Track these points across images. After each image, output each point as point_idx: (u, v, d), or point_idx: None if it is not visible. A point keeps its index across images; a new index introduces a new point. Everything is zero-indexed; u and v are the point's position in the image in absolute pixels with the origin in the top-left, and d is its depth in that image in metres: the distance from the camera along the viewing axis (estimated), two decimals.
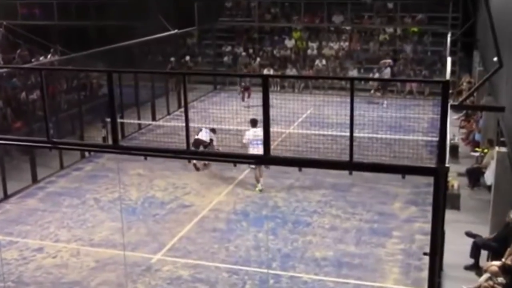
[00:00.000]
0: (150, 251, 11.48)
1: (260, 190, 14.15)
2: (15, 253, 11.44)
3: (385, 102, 22.95)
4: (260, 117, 7.58)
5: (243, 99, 22.63)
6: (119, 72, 15.90)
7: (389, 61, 23.92)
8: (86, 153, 16.98)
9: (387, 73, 23.53)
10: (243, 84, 22.72)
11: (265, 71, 24.58)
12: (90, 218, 13.05)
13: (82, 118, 17.80)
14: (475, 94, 17.99)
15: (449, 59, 14.76)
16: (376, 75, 24.74)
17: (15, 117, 17.23)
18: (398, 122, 18.09)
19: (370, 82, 24.84)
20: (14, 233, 12.29)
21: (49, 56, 21.49)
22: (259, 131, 13.05)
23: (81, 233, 12.28)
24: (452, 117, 19.05)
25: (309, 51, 27.64)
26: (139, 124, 19.93)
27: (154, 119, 20.80)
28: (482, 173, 14.26)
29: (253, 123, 14.46)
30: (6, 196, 14.17)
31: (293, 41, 28.23)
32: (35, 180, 15.19)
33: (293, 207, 13.49)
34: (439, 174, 6.67)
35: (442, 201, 6.96)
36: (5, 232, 12.32)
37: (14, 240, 12.01)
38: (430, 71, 24.95)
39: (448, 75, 11.90)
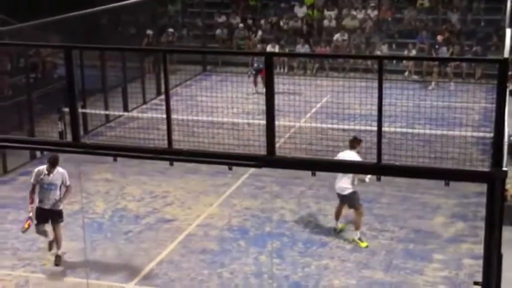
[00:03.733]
0: (121, 279, 11.48)
1: (339, 230, 13.04)
2: None
3: (433, 83, 23.07)
4: (262, 106, 7.57)
5: (255, 84, 22.58)
6: (80, 49, 15.90)
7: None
8: (38, 153, 16.97)
9: (443, 53, 23.54)
10: (255, 65, 22.59)
11: (269, 48, 24.58)
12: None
13: (32, 108, 17.78)
14: None
15: (508, 31, 14.71)
16: (413, 53, 24.72)
17: None
18: (441, 114, 18.07)
19: (404, 62, 24.88)
20: None
21: None
22: (350, 155, 12.15)
23: (31, 256, 12.27)
24: None
25: (325, 22, 27.63)
26: (107, 116, 19.92)
27: (126, 109, 20.82)
28: None
29: (352, 143, 12.79)
30: None
31: (304, 9, 28.23)
32: None
33: (304, 222, 13.50)
34: (494, 180, 6.65)
35: (499, 215, 6.94)
36: None
37: None
38: (483, 46, 24.96)
39: (507, 52, 11.85)
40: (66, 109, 11.03)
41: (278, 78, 8.22)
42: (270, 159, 7.26)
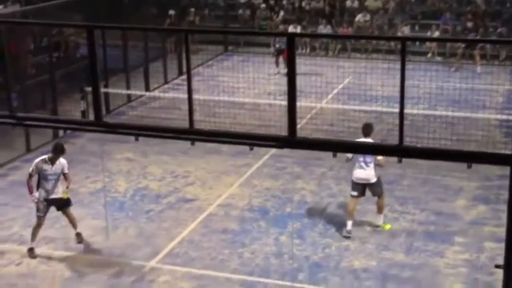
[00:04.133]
0: (142, 257, 11.58)
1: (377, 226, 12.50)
2: None
3: (455, 66, 22.88)
4: (283, 87, 7.56)
5: (277, 64, 22.57)
6: (103, 28, 15.92)
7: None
8: (60, 132, 17.10)
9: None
10: (277, 45, 22.58)
11: (291, 29, 24.49)
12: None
13: (55, 87, 17.89)
14: None
15: None
16: (436, 34, 24.53)
17: None
18: (464, 96, 17.94)
19: (428, 43, 24.66)
20: None
21: (9, 5, 21.54)
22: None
23: (53, 233, 12.39)
24: None
25: (348, 3, 27.43)
26: (129, 95, 20.00)
27: (147, 89, 20.87)
28: None
29: (366, 129, 12.24)
30: None
31: None
32: None
33: (325, 204, 13.49)
34: None
35: None
36: None
37: None
38: (509, 28, 24.65)
39: None
40: (89, 89, 11.09)
41: (300, 59, 8.20)
42: (291, 140, 7.25)
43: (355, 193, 12.25)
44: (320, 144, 7.95)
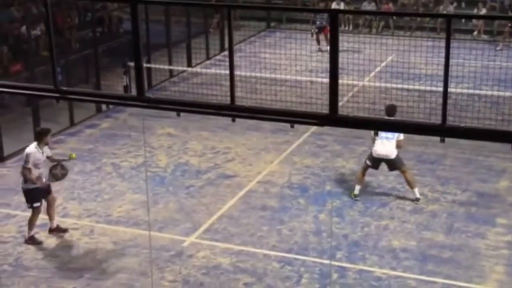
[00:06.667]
0: (181, 232, 11.70)
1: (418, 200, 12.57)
2: (13, 230, 11.87)
3: (501, 44, 22.46)
4: (325, 64, 7.53)
5: (318, 42, 22.49)
6: (146, 3, 15.99)
7: None
8: (103, 106, 17.29)
9: None
10: (318, 22, 22.50)
11: (334, 5, 24.29)
12: (107, 188, 13.34)
13: (99, 62, 18.05)
14: None
15: None
16: (483, 11, 24.08)
17: (13, 58, 17.62)
18: (510, 75, 17.64)
19: (474, 21, 24.26)
20: (11, 205, 12.70)
21: None
22: None
23: (96, 207, 12.59)
24: None
25: None
26: (171, 71, 20.10)
27: (189, 64, 20.94)
28: None
29: (390, 110, 12.56)
30: (2, 159, 14.63)
31: None
32: None
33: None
34: None
35: None
36: (0, 203, 12.76)
37: (12, 213, 12.43)
38: None
39: None
40: (131, 64, 11.17)
41: (343, 36, 8.16)
42: (332, 118, 7.20)
43: (369, 163, 12.66)
44: (361, 122, 7.88)
